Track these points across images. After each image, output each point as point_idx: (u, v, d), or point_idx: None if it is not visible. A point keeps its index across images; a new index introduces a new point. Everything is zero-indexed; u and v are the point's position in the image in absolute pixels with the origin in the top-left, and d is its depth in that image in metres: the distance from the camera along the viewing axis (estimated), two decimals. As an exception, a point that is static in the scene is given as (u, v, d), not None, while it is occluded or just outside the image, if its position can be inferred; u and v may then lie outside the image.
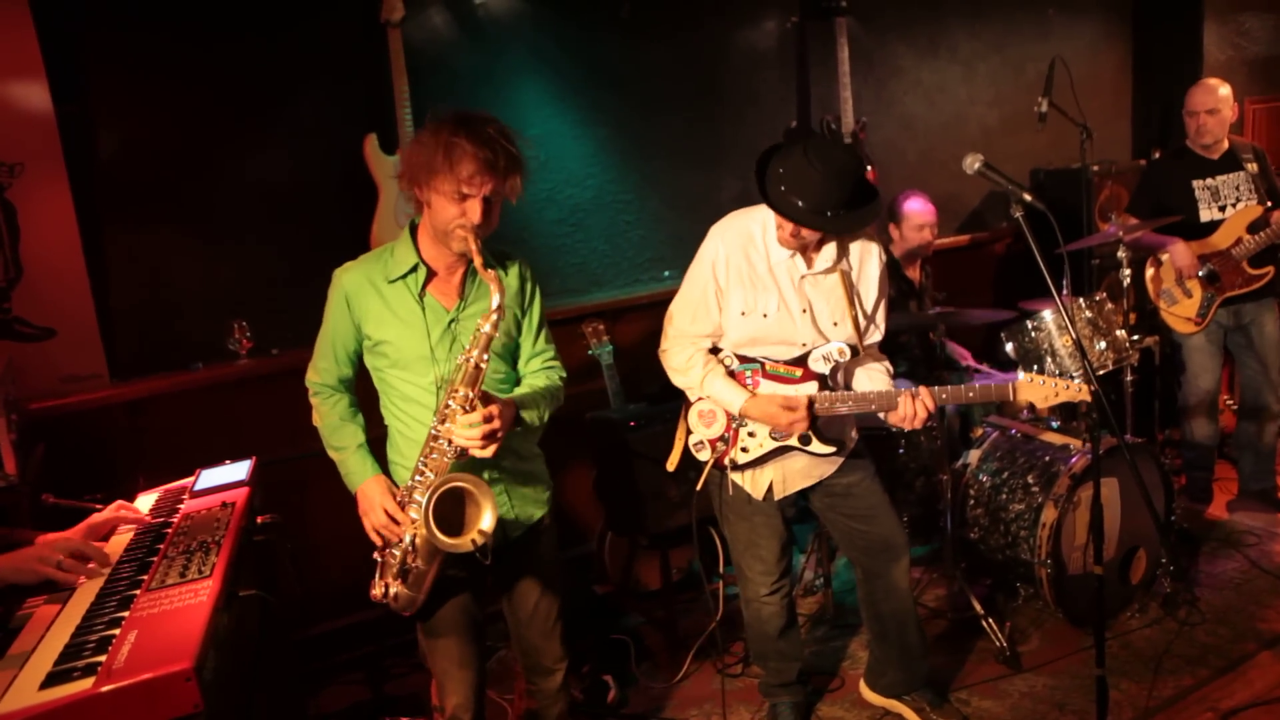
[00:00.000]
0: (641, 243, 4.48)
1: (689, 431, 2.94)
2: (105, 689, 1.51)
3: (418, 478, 2.29)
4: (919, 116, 5.27)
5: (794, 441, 2.80)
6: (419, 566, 2.29)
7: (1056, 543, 3.43)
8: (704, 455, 2.91)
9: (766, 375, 2.81)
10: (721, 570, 3.69)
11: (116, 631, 1.73)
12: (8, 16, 3.16)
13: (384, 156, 3.70)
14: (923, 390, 2.68)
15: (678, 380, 2.90)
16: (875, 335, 2.90)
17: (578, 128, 4.28)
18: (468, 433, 2.20)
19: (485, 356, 2.23)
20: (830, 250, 2.78)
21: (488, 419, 2.21)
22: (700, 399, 2.88)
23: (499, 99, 4.07)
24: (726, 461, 2.88)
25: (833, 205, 2.59)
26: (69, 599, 1.98)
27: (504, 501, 2.47)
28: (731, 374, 2.84)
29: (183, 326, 3.58)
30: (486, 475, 2.37)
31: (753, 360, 2.83)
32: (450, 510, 2.23)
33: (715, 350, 2.89)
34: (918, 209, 4.23)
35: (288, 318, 3.70)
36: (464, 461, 2.28)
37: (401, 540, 2.30)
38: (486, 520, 2.21)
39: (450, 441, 2.24)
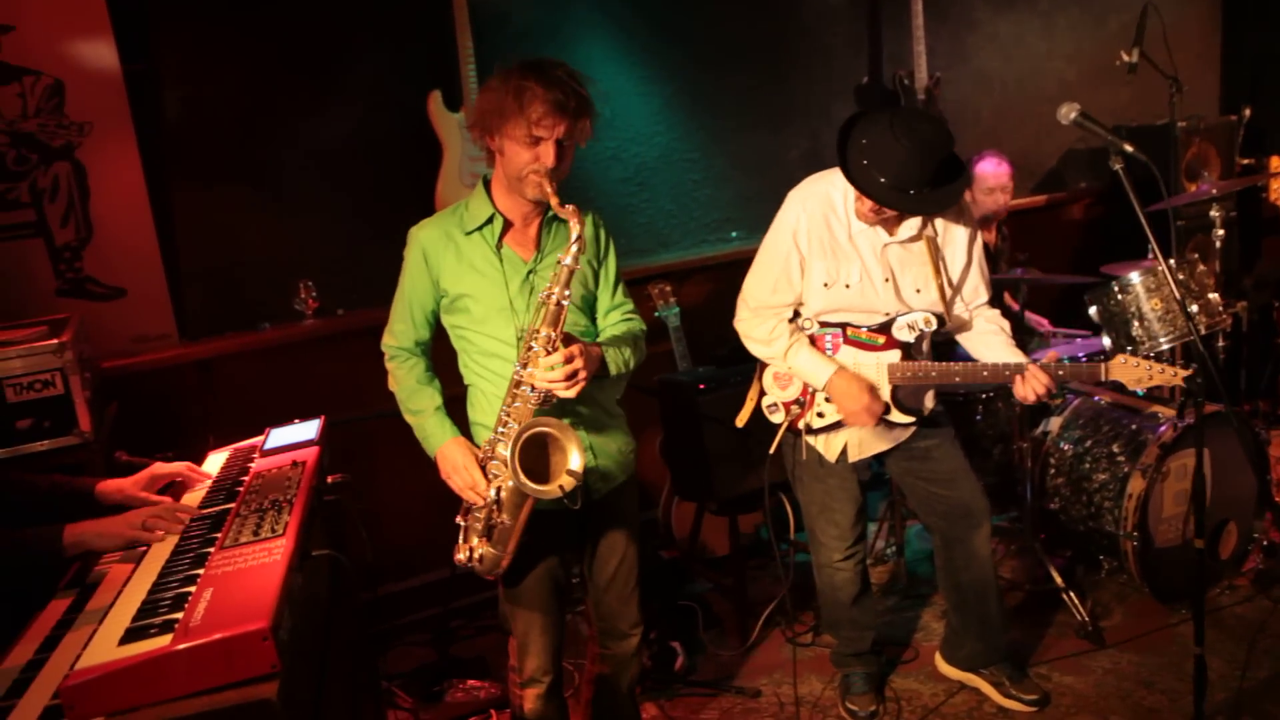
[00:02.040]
0: (709, 202, 4.38)
1: (762, 393, 2.86)
2: (183, 646, 1.48)
3: (500, 429, 2.26)
4: (995, 71, 5.07)
5: (870, 408, 2.71)
6: (504, 521, 2.25)
7: (1144, 515, 3.28)
8: (777, 418, 2.83)
9: (848, 341, 2.72)
10: (792, 536, 3.61)
11: (192, 589, 1.71)
12: (76, -24, 3.14)
13: (448, 114, 3.64)
14: (1031, 368, 2.56)
15: (758, 351, 2.81)
16: (980, 297, 2.78)
17: (644, 84, 4.19)
18: (550, 375, 2.15)
19: (567, 293, 2.20)
20: (914, 220, 2.67)
21: (569, 359, 2.16)
22: (777, 365, 2.80)
23: (563, 55, 3.82)
24: (801, 425, 2.79)
25: (917, 183, 2.47)
26: (144, 556, 1.97)
27: (589, 458, 2.39)
28: (812, 339, 2.74)
29: (249, 287, 3.58)
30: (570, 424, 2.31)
31: (834, 325, 2.73)
32: (535, 461, 2.19)
33: (794, 315, 2.80)
34: (990, 170, 4.06)
35: (353, 278, 3.68)
36: (548, 408, 2.23)
37: (487, 499, 2.26)
38: (574, 461, 2.17)
39: (533, 386, 2.19)
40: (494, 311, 2.34)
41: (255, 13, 3.47)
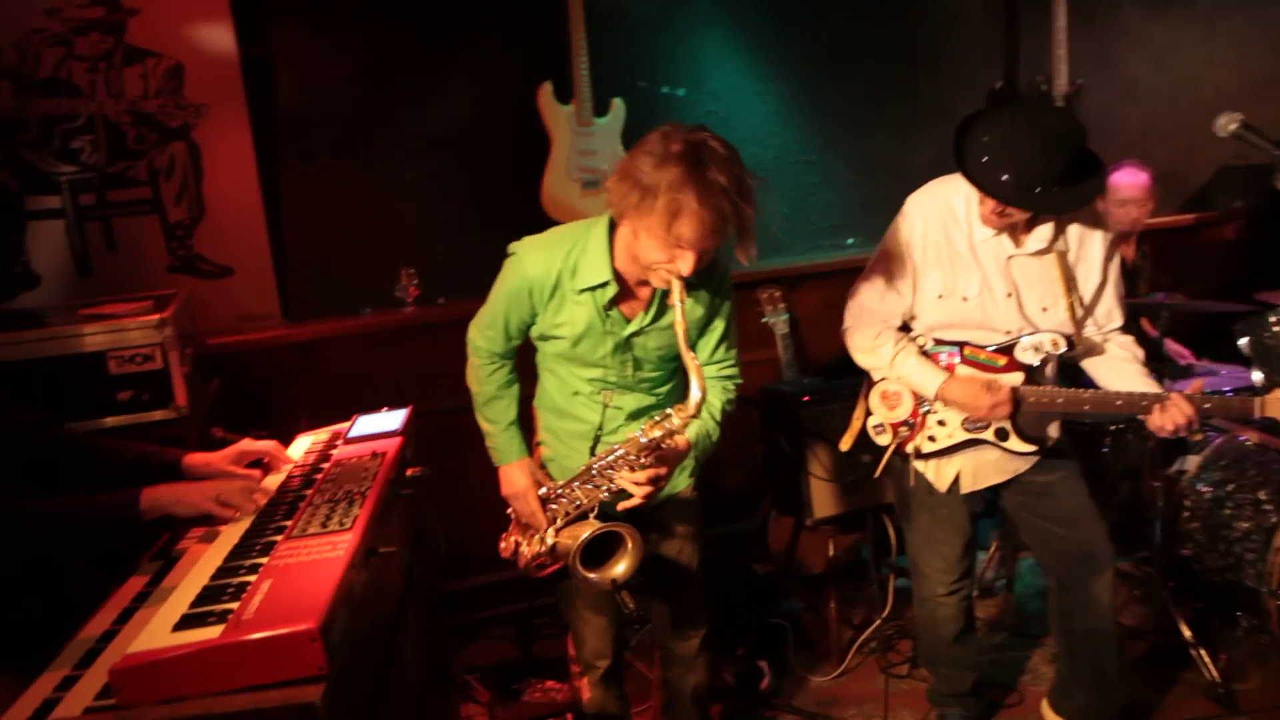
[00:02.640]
0: (825, 207, 4.21)
1: (869, 412, 2.69)
2: (231, 641, 1.43)
3: (567, 489, 2.27)
4: (1144, 80, 4.72)
5: (989, 435, 2.51)
6: (547, 562, 2.33)
7: (1292, 570, 2.98)
8: (884, 439, 2.66)
9: (965, 360, 2.53)
10: (893, 561, 3.42)
11: (253, 579, 1.66)
12: (198, -40, 3.20)
13: (558, 106, 3.57)
14: (1174, 398, 2.33)
15: (863, 360, 2.64)
16: (1114, 321, 2.55)
17: (760, 83, 4.04)
18: (633, 489, 2.15)
19: (669, 442, 2.16)
20: (1045, 228, 2.46)
21: (654, 480, 2.15)
22: (885, 378, 2.62)
23: (679, 50, 3.89)
24: (910, 448, 2.61)
25: (1045, 180, 2.26)
26: (217, 538, 1.94)
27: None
28: (925, 354, 2.56)
29: (353, 271, 3.58)
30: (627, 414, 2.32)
31: (950, 344, 2.54)
32: (599, 541, 2.20)
33: (905, 329, 2.62)
34: (1124, 181, 3.76)
35: (455, 267, 3.65)
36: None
37: (542, 534, 2.30)
38: (621, 568, 2.18)
39: (612, 481, 2.18)
40: (585, 361, 2.28)
41: (369, 2, 3.47)
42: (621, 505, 2.20)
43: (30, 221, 3.19)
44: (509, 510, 2.42)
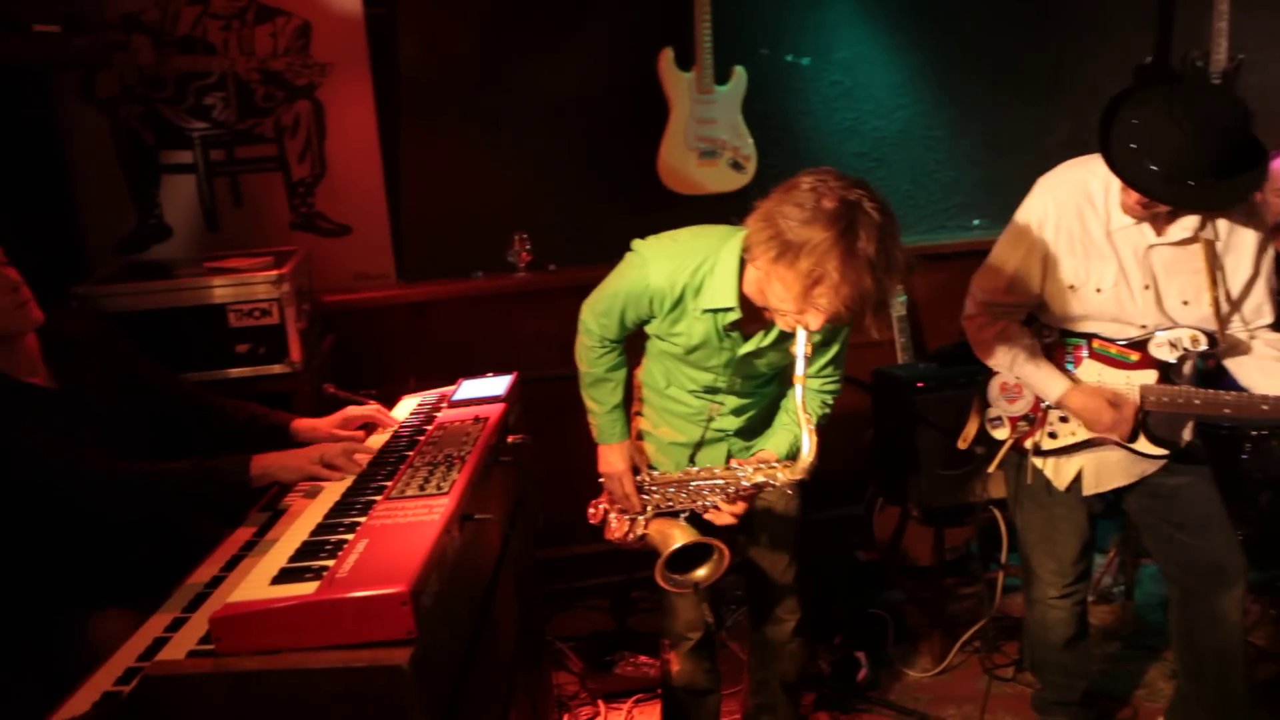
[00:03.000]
0: (950, 185, 4.03)
1: (987, 404, 2.56)
2: (325, 598, 1.45)
3: (658, 487, 2.32)
4: (1313, 56, 4.37)
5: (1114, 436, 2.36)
6: (633, 545, 2.39)
7: None
8: (1001, 434, 2.54)
9: (1093, 355, 2.38)
10: (1003, 559, 3.28)
11: (350, 538, 1.67)
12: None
13: (679, 73, 3.50)
14: None
15: (982, 355, 2.51)
16: (1263, 318, 2.36)
17: (889, 53, 3.88)
18: (721, 517, 2.21)
19: (769, 486, 2.17)
20: (1191, 218, 2.28)
21: (741, 513, 2.22)
22: (1006, 369, 2.49)
23: (805, 17, 3.76)
24: (1029, 444, 2.48)
25: (1198, 172, 2.08)
26: (320, 494, 1.98)
27: (742, 445, 2.38)
28: (1050, 349, 2.42)
29: (466, 234, 3.60)
30: (733, 425, 2.33)
31: (1078, 335, 2.40)
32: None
33: (1030, 320, 2.48)
34: (1276, 169, 3.48)
35: (568, 234, 3.64)
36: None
37: (633, 517, 2.34)
38: (702, 573, 2.22)
39: (704, 502, 2.23)
40: (697, 367, 2.25)
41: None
42: (709, 516, 2.25)
43: (164, 175, 3.31)
44: (601, 479, 2.44)
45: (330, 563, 1.58)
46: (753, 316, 2.10)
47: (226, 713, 1.41)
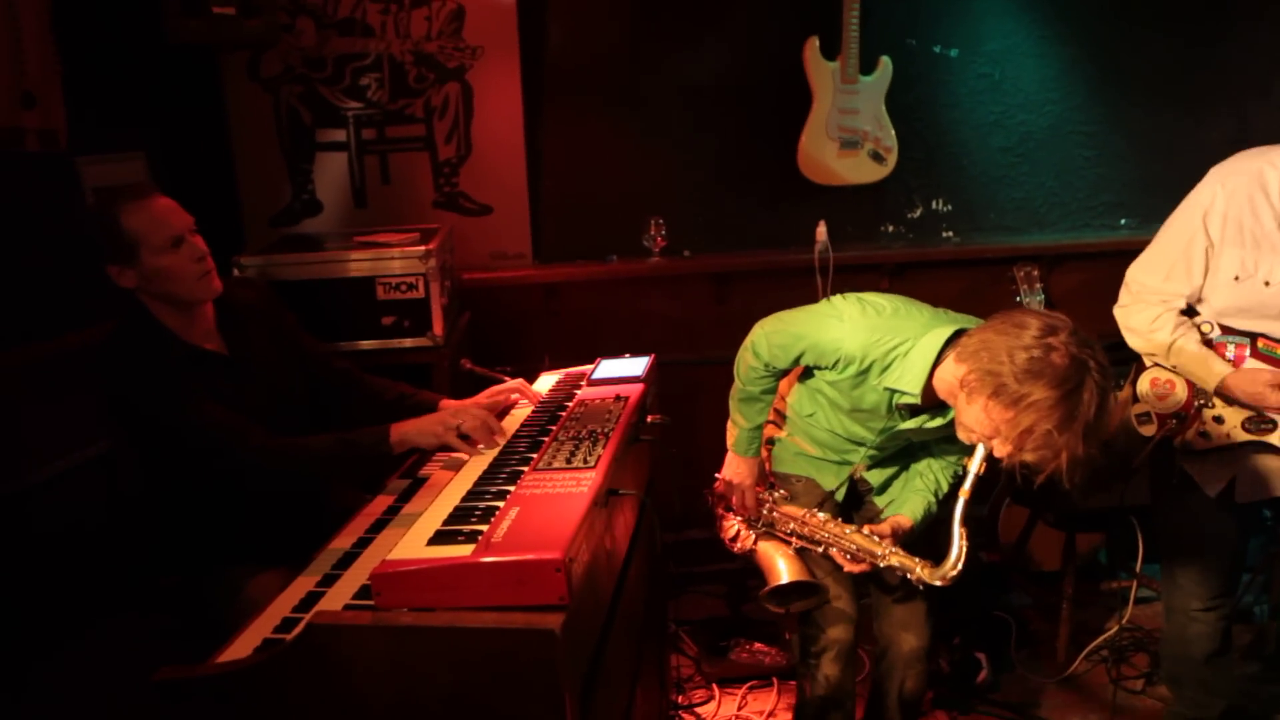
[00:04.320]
0: (1098, 183, 3.90)
1: (1135, 399, 2.48)
2: (482, 560, 1.50)
3: (779, 512, 2.37)
4: None
5: (1276, 439, 2.26)
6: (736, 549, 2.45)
7: None
8: (1148, 431, 2.45)
9: (1256, 354, 2.28)
10: (1138, 569, 3.17)
11: (501, 505, 1.73)
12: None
13: (824, 62, 3.48)
14: None
15: (1136, 342, 2.43)
16: None
17: (1042, 44, 3.77)
18: (849, 567, 2.24)
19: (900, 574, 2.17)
20: None
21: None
22: (1156, 364, 2.40)
23: (954, 7, 3.69)
24: (1178, 443, 2.40)
25: None
26: (465, 465, 2.05)
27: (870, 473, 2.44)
28: (1210, 343, 2.33)
29: (603, 217, 3.65)
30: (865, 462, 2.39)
31: (1240, 333, 2.30)
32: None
33: (1188, 313, 2.39)
34: None
35: (703, 221, 3.66)
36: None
37: (750, 526, 2.40)
38: (799, 604, 2.32)
39: (828, 547, 2.26)
40: (853, 419, 2.27)
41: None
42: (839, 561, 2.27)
43: (317, 153, 3.45)
44: (719, 475, 2.50)
45: (484, 527, 1.64)
46: (927, 402, 2.10)
47: (384, 662, 1.47)
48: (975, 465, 1.95)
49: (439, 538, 1.66)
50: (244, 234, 3.41)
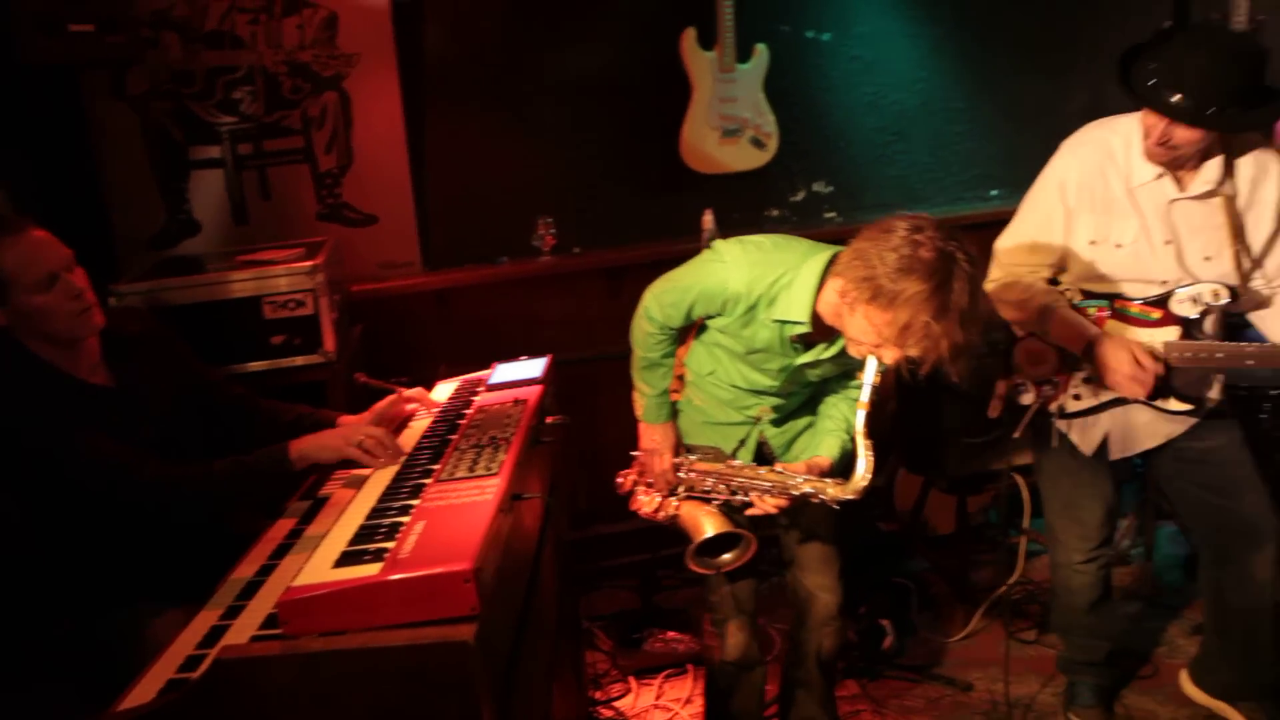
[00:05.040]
0: (970, 157, 4.06)
1: (1011, 370, 2.61)
2: (390, 578, 1.50)
3: (697, 471, 2.36)
4: (1334, 15, 4.36)
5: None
6: (665, 523, 2.42)
7: None
8: (1027, 399, 2.58)
9: (1116, 315, 2.42)
10: (1025, 525, 3.34)
11: (406, 520, 1.73)
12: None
13: (701, 52, 3.53)
14: None
15: (1009, 313, 2.55)
16: None
17: (910, 25, 3.90)
18: (766, 505, 2.21)
19: (820, 499, 2.16)
20: (1211, 170, 2.32)
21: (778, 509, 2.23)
22: (1029, 335, 2.53)
23: (827, -11, 3.78)
24: (1054, 408, 2.53)
25: (1220, 99, 2.13)
26: (366, 481, 2.04)
27: (773, 432, 2.44)
28: (1076, 309, 2.47)
29: (491, 220, 3.63)
30: (769, 416, 2.39)
31: (1100, 296, 2.44)
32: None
33: (1053, 284, 2.52)
34: None
35: (592, 217, 3.68)
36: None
37: (666, 497, 2.38)
38: (728, 557, 2.31)
39: (748, 494, 2.25)
40: (751, 365, 2.29)
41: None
42: (749, 513, 2.28)
43: (192, 171, 3.35)
44: (635, 452, 2.49)
45: (390, 544, 1.63)
46: (819, 331, 2.16)
47: (297, 691, 1.46)
48: (869, 377, 2.02)
49: (345, 559, 1.64)
50: (117, 260, 3.29)
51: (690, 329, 2.40)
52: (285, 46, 3.31)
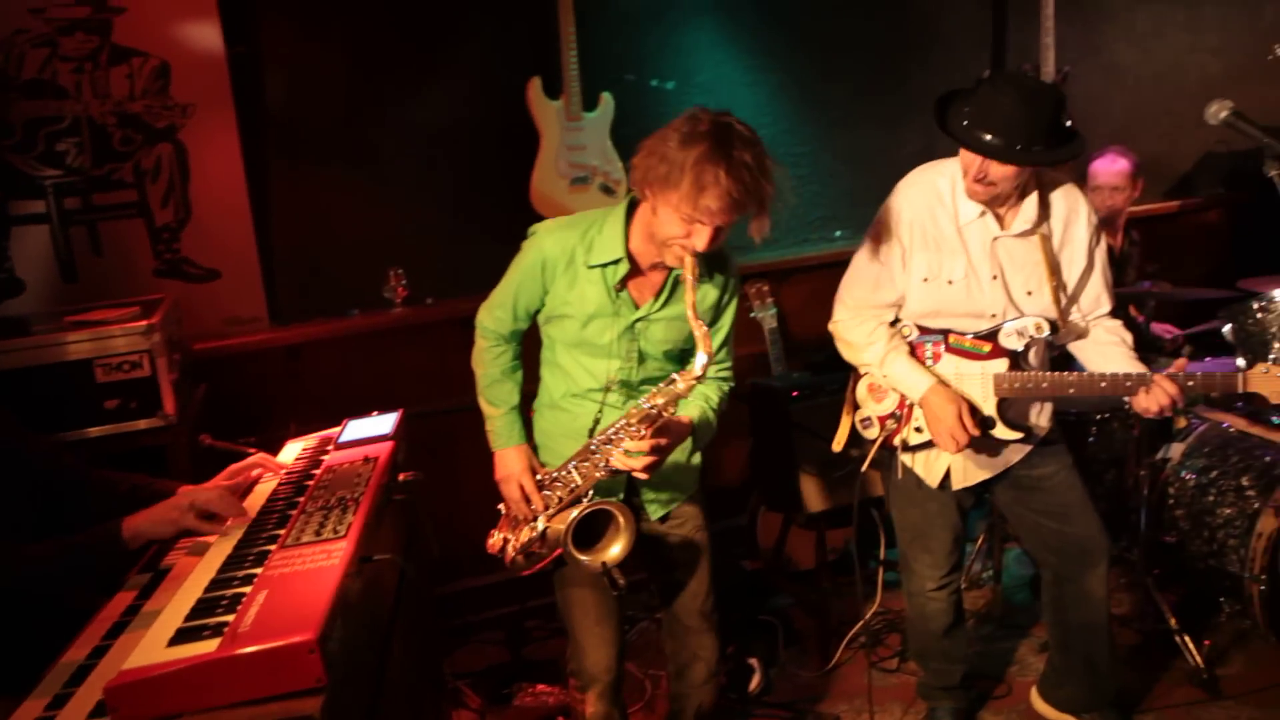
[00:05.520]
0: (813, 199, 4.21)
1: (856, 406, 2.70)
2: (229, 654, 1.43)
3: (563, 472, 2.25)
4: (1129, 66, 4.74)
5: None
6: (542, 552, 2.28)
7: (1274, 556, 3.00)
8: (872, 433, 2.67)
9: (950, 349, 2.54)
10: (882, 556, 3.44)
11: (248, 590, 1.66)
12: (186, -43, 3.18)
13: (548, 102, 3.57)
14: (1158, 379, 2.36)
15: (852, 356, 2.65)
16: (1101, 307, 2.58)
17: (750, 74, 4.04)
18: (630, 461, 2.13)
19: (671, 410, 2.13)
20: (1029, 208, 2.47)
21: (656, 449, 2.13)
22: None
23: (668, 42, 3.89)
24: (897, 441, 2.63)
25: (1026, 138, 2.28)
26: (208, 551, 1.94)
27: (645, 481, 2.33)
28: (911, 348, 2.57)
29: (341, 272, 3.57)
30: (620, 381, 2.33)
31: (935, 332, 2.56)
32: (589, 522, 2.18)
33: (894, 322, 2.63)
34: (1099, 167, 3.80)
35: (444, 266, 3.65)
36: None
37: (533, 522, 2.27)
38: (616, 550, 2.17)
39: (609, 459, 2.16)
40: (592, 345, 2.29)
41: (358, -1, 3.46)
42: (624, 466, 2.16)
43: (13, 227, 3.16)
44: (500, 505, 2.43)
45: (230, 618, 1.56)
46: (642, 279, 2.24)
47: (130, 783, 1.38)
48: (689, 274, 2.08)
49: (181, 636, 1.56)
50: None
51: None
52: (114, 96, 3.18)
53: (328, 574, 1.65)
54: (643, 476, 2.17)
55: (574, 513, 2.15)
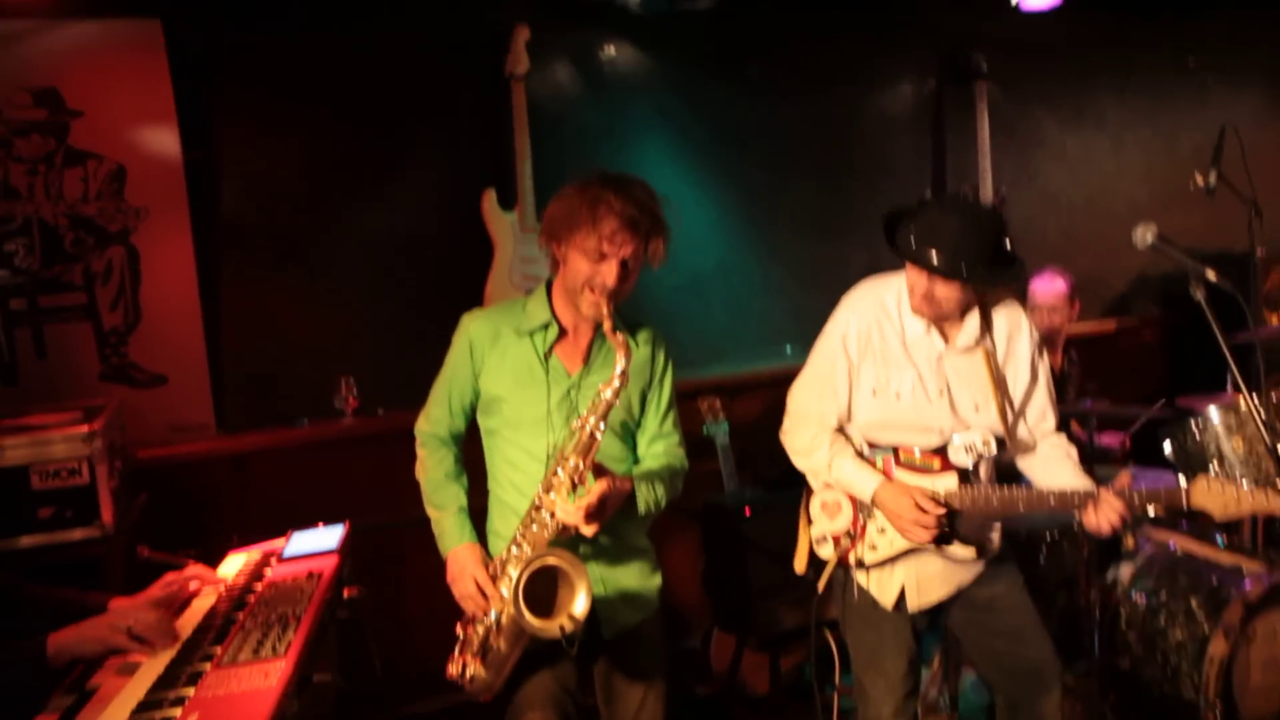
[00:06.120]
0: (763, 315, 4.28)
1: (810, 523, 2.68)
2: (155, 785, 1.35)
3: (514, 549, 2.18)
4: (1062, 190, 4.96)
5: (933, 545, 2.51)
6: (500, 648, 2.16)
7: (1227, 682, 2.99)
8: (826, 551, 2.65)
9: (900, 464, 2.55)
10: (837, 681, 3.37)
11: (177, 714, 1.58)
12: (146, 64, 3.23)
13: (501, 213, 3.62)
14: (1104, 494, 2.38)
15: (801, 463, 2.64)
16: (1047, 421, 2.61)
17: (700, 190, 4.15)
18: (570, 508, 2.07)
19: (602, 426, 2.13)
20: (973, 325, 2.52)
21: (594, 496, 2.08)
22: (824, 488, 2.62)
23: (620, 157, 3.98)
24: (851, 559, 2.60)
25: (970, 258, 2.34)
26: (138, 670, 1.85)
27: (600, 592, 2.26)
28: (862, 456, 2.58)
29: (291, 380, 3.54)
30: (583, 555, 2.21)
31: (883, 446, 2.57)
32: (543, 590, 2.07)
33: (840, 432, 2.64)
34: (1038, 287, 3.93)
35: (396, 376, 3.59)
36: (565, 540, 2.14)
37: (487, 615, 2.17)
38: (579, 605, 2.04)
39: (552, 514, 2.11)
40: (529, 421, 2.26)
41: (315, 106, 3.52)
42: (566, 520, 2.09)
43: (-46, 327, 3.10)
44: (457, 627, 2.30)
45: (159, 744, 1.49)
46: (572, 351, 2.30)
47: None
48: (605, 310, 2.14)
49: (106, 765, 1.48)
50: None
51: None
52: (68, 198, 3.17)
53: (265, 696, 1.60)
54: (586, 530, 2.08)
55: (520, 577, 2.03)
